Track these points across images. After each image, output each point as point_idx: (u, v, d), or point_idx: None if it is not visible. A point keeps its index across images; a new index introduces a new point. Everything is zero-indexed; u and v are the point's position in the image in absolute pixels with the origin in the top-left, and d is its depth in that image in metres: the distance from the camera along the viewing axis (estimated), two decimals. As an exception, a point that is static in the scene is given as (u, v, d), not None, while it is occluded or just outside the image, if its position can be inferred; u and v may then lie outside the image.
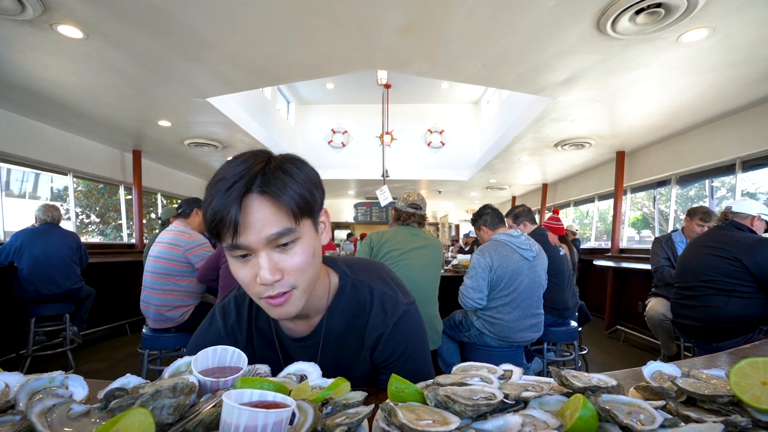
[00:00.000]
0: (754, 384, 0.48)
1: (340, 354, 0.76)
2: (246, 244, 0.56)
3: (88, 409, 0.47)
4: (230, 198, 0.55)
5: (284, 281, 0.60)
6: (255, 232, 0.56)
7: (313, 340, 0.75)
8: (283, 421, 0.41)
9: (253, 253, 0.58)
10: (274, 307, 0.61)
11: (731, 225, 2.05)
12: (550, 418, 0.46)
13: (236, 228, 0.55)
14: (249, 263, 0.59)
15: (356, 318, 0.75)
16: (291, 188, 0.58)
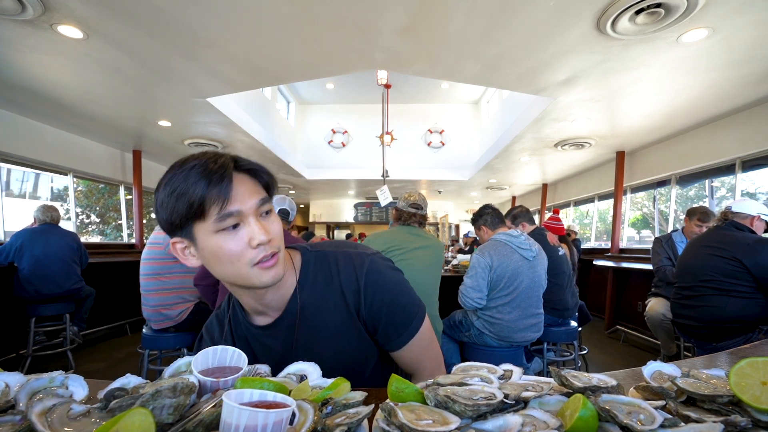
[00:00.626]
0: (753, 384, 0.48)
1: (325, 329, 0.74)
2: (238, 209, 0.61)
3: (88, 409, 0.47)
4: (220, 173, 0.60)
5: (271, 244, 0.64)
6: (244, 200, 0.62)
7: (287, 320, 0.74)
8: (283, 421, 0.41)
9: (243, 221, 0.62)
10: (266, 270, 0.64)
11: (731, 225, 2.05)
12: (550, 418, 0.46)
13: (226, 197, 0.60)
14: (238, 233, 0.62)
15: (328, 287, 0.75)
16: (261, 170, 0.67)
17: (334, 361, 0.74)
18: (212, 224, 0.61)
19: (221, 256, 0.62)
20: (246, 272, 0.64)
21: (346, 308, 0.75)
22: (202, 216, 0.60)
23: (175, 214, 0.61)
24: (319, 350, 0.74)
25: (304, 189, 9.51)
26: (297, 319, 0.74)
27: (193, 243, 0.64)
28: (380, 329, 0.76)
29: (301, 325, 0.74)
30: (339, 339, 0.75)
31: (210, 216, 0.60)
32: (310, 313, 0.74)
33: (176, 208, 0.60)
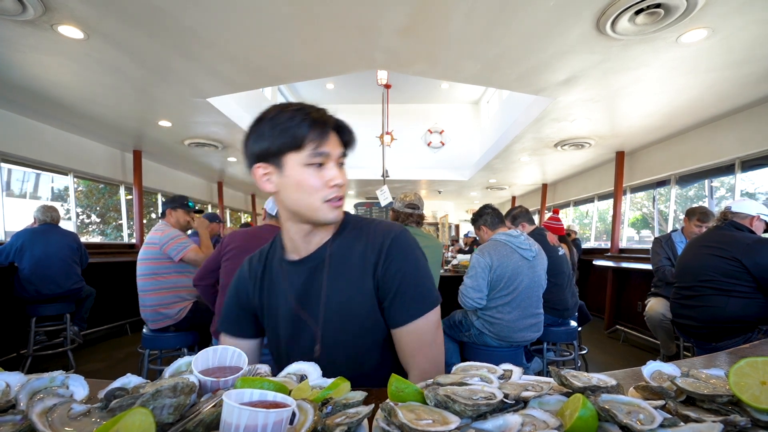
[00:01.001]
0: (753, 384, 0.48)
1: (345, 278, 0.80)
2: (328, 152, 0.74)
3: (89, 408, 0.47)
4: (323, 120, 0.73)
5: (342, 189, 0.77)
6: (334, 146, 0.76)
7: (316, 260, 0.81)
8: (283, 421, 0.41)
9: (327, 163, 0.75)
10: (334, 208, 0.76)
11: (731, 225, 2.05)
12: (549, 417, 0.46)
13: (323, 140, 0.73)
14: (322, 172, 0.74)
15: (356, 242, 0.82)
16: (347, 129, 0.80)
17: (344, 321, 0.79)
18: (305, 157, 0.72)
19: (303, 185, 0.73)
20: (317, 205, 0.74)
21: (364, 265, 0.79)
22: (298, 149, 0.72)
23: (275, 143, 0.72)
24: (334, 297, 0.79)
25: (304, 189, 9.50)
26: (326, 261, 0.81)
27: (279, 170, 0.74)
28: (389, 298, 0.78)
29: (329, 269, 0.80)
30: (353, 293, 0.79)
31: (304, 150, 0.72)
32: (335, 261, 0.81)
33: (277, 139, 0.72)
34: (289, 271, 0.83)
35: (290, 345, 0.83)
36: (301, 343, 0.81)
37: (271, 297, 0.85)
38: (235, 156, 5.79)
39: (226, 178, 7.57)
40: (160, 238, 2.37)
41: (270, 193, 0.78)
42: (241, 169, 6.73)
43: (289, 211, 0.78)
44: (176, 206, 2.55)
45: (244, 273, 0.90)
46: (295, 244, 0.82)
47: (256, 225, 2.89)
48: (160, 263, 2.35)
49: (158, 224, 2.50)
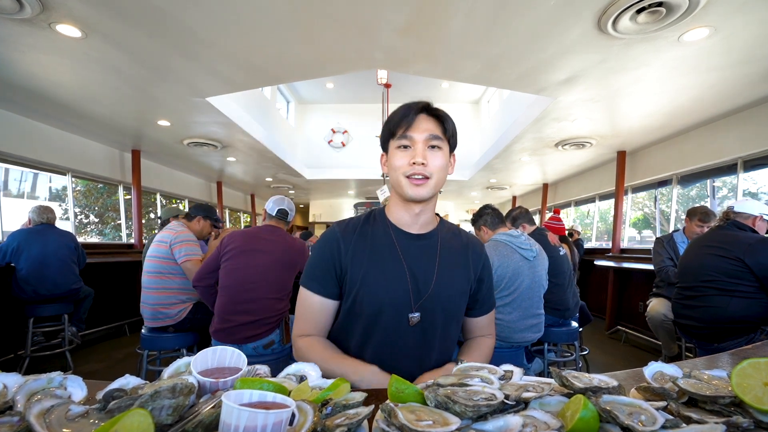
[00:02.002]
0: (755, 385, 0.48)
1: (450, 261, 0.94)
2: (411, 135, 0.86)
3: (87, 410, 0.46)
4: (410, 109, 0.87)
5: (427, 168, 0.86)
6: (419, 132, 0.87)
7: (430, 240, 0.95)
8: (282, 422, 0.41)
9: (413, 146, 0.87)
10: (414, 186, 0.87)
11: (733, 225, 2.05)
12: (550, 418, 0.46)
13: (408, 125, 0.86)
14: (407, 153, 0.87)
15: (456, 238, 1.00)
16: (448, 119, 0.92)
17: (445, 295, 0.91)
18: (395, 141, 0.88)
19: (393, 164, 0.88)
20: (401, 181, 0.87)
21: (466, 260, 0.97)
22: (393, 135, 0.88)
23: (384, 135, 0.92)
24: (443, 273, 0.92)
25: (304, 189, 9.52)
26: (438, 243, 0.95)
27: (387, 155, 0.92)
28: (481, 289, 1.01)
29: (440, 249, 0.94)
30: (456, 275, 0.94)
31: (396, 136, 0.87)
32: (445, 245, 0.96)
33: (385, 130, 0.90)
34: (405, 241, 0.93)
35: (385, 309, 0.88)
36: (398, 308, 0.88)
37: (372, 262, 0.90)
38: (235, 156, 5.79)
39: (225, 177, 7.57)
40: (171, 238, 2.37)
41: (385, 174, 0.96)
42: (241, 168, 6.74)
43: (394, 189, 0.93)
44: (207, 216, 2.62)
45: (336, 235, 0.94)
46: (407, 221, 0.94)
47: (256, 225, 2.89)
48: (166, 262, 2.35)
49: (173, 223, 2.49)
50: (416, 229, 0.94)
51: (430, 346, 0.92)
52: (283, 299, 2.04)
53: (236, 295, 1.94)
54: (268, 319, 1.95)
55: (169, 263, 2.35)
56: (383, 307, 0.88)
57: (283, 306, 2.03)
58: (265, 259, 2.00)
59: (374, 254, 0.91)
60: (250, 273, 1.96)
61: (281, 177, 7.72)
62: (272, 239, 2.07)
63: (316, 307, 0.91)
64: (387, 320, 0.88)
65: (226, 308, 1.94)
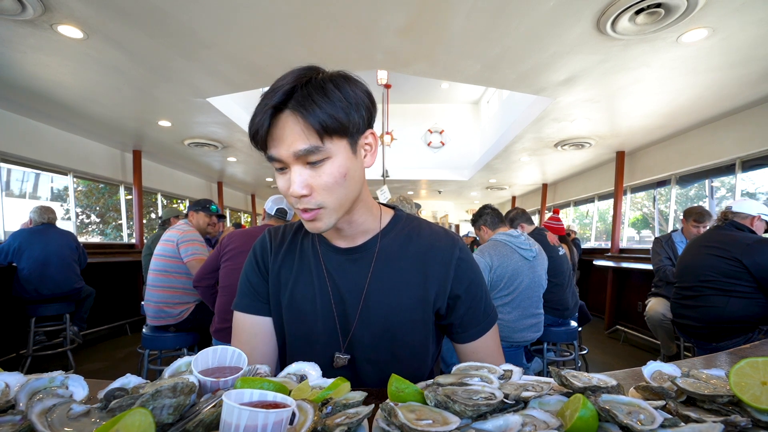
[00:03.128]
0: (753, 384, 0.48)
1: (390, 279, 0.71)
2: (277, 156, 0.59)
3: (88, 409, 0.47)
4: (264, 113, 0.57)
5: (312, 199, 0.61)
6: (285, 146, 0.58)
7: (364, 254, 0.73)
8: (283, 421, 0.41)
9: (287, 167, 0.60)
10: (309, 222, 0.64)
11: (731, 225, 2.05)
12: (550, 418, 0.46)
13: (266, 141, 0.59)
14: (285, 175, 0.61)
15: (411, 242, 0.74)
16: (322, 107, 0.57)
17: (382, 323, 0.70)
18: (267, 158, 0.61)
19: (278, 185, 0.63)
20: (295, 209, 0.64)
21: (423, 269, 0.72)
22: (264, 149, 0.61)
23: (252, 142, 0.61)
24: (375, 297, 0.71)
25: (304, 189, 9.50)
26: (373, 257, 0.72)
27: None
28: (460, 314, 0.73)
29: (375, 265, 0.72)
30: (400, 296, 0.71)
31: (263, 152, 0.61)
32: (383, 258, 0.72)
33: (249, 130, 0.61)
34: (331, 260, 0.74)
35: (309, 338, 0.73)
36: (321, 339, 0.72)
37: (296, 282, 0.74)
38: (235, 156, 5.79)
39: (225, 177, 7.57)
40: (179, 237, 2.39)
41: None
42: (241, 168, 6.74)
43: None
44: (198, 209, 2.62)
45: (263, 244, 0.79)
46: (331, 233, 0.74)
47: (256, 225, 2.88)
48: (172, 261, 2.36)
49: (179, 223, 2.52)
50: (345, 242, 0.74)
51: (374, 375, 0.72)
52: None
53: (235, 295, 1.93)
54: None
55: (175, 261, 2.36)
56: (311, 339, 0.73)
57: None
58: None
59: (300, 272, 0.75)
60: None
61: (281, 177, 7.71)
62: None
63: (247, 330, 0.75)
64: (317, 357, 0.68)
65: (226, 308, 1.94)
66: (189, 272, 2.36)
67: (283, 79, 0.59)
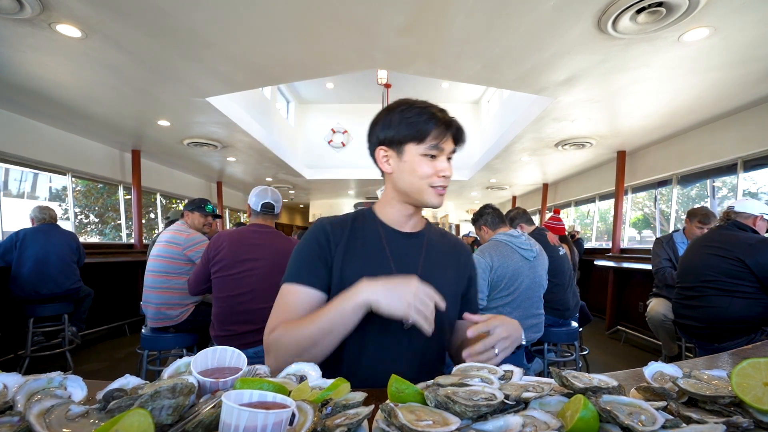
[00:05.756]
0: (755, 385, 0.48)
1: (436, 261, 0.94)
2: (443, 148, 0.87)
3: (87, 409, 0.46)
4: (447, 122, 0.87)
5: (447, 180, 0.88)
6: (448, 144, 0.88)
7: (418, 239, 0.95)
8: (282, 422, 0.41)
9: (439, 157, 0.87)
10: (439, 196, 0.88)
11: (733, 225, 2.04)
12: (550, 418, 0.46)
13: (443, 138, 0.85)
14: (433, 162, 0.86)
15: (443, 237, 1.02)
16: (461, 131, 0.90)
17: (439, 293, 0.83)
18: (423, 149, 0.85)
19: (416, 170, 0.86)
20: (425, 189, 0.87)
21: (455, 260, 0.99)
22: (421, 141, 0.85)
23: (400, 133, 0.86)
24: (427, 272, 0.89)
25: (304, 189, 9.51)
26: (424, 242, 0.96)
27: (398, 155, 0.88)
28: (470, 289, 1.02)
29: (426, 248, 0.95)
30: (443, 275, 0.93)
31: (425, 143, 0.85)
32: (432, 245, 0.96)
33: (403, 129, 0.85)
34: (393, 240, 0.92)
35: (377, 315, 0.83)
36: None
37: (362, 259, 0.88)
38: (235, 156, 5.79)
39: (225, 177, 7.57)
40: (185, 240, 2.37)
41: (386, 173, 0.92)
42: (241, 168, 6.74)
43: (398, 190, 0.91)
44: (193, 209, 2.60)
45: (325, 227, 0.91)
46: (399, 220, 0.94)
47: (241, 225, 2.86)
48: (176, 263, 2.35)
49: (177, 225, 2.49)
50: (408, 228, 0.95)
51: (425, 349, 0.88)
52: None
53: (232, 307, 1.90)
54: None
55: (179, 263, 2.35)
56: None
57: None
58: (259, 267, 1.90)
59: (364, 251, 0.89)
60: (244, 284, 1.89)
61: (281, 177, 7.72)
62: (263, 244, 1.95)
63: (300, 300, 0.83)
64: (379, 324, 0.81)
65: (224, 319, 1.91)
66: (190, 273, 2.36)
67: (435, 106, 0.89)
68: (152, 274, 2.34)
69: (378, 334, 0.84)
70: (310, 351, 0.74)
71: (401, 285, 0.71)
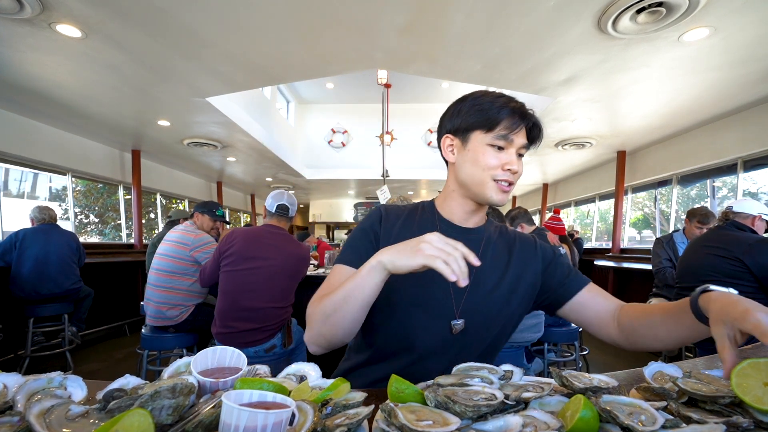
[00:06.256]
0: (755, 385, 0.48)
1: (492, 261, 0.87)
2: (513, 139, 0.79)
3: (87, 409, 0.46)
4: (521, 111, 0.80)
5: (515, 176, 0.80)
6: (519, 137, 0.80)
7: (477, 235, 0.89)
8: (282, 422, 0.41)
9: (507, 149, 0.80)
10: (502, 192, 0.80)
11: (732, 225, 2.05)
12: (550, 418, 0.46)
13: (514, 128, 0.78)
14: (500, 154, 0.79)
15: (504, 236, 0.93)
16: (537, 126, 0.83)
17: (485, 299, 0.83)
18: (490, 138, 0.79)
19: (479, 160, 0.80)
20: (486, 182, 0.80)
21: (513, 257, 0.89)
22: (489, 129, 0.79)
23: (468, 120, 0.81)
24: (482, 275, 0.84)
25: (304, 189, 9.51)
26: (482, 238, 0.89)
27: (463, 144, 0.83)
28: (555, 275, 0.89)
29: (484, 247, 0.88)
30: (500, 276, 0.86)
31: (493, 132, 0.79)
32: (489, 243, 0.89)
33: (471, 117, 0.80)
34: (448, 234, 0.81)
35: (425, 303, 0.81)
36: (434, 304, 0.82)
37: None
38: (235, 156, 5.79)
39: (225, 177, 7.57)
40: (193, 241, 2.37)
41: (449, 162, 0.87)
42: (241, 168, 6.74)
43: (459, 182, 0.85)
44: (204, 211, 2.63)
45: (380, 213, 0.89)
46: (460, 216, 0.88)
47: (257, 225, 2.89)
48: (182, 263, 2.35)
49: (186, 225, 2.50)
50: (467, 225, 0.89)
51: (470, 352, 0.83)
52: (285, 307, 2.01)
53: (236, 302, 1.91)
54: (269, 326, 1.93)
55: (185, 264, 2.35)
56: (420, 302, 0.81)
57: (285, 312, 2.01)
58: (266, 267, 1.94)
59: None
60: (250, 280, 1.92)
61: (281, 177, 7.72)
62: (275, 244, 2.00)
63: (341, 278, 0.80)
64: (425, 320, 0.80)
65: (226, 314, 1.92)
66: (195, 275, 2.36)
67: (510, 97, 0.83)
68: (156, 273, 2.35)
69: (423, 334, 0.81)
70: (332, 317, 0.71)
71: (416, 239, 0.65)
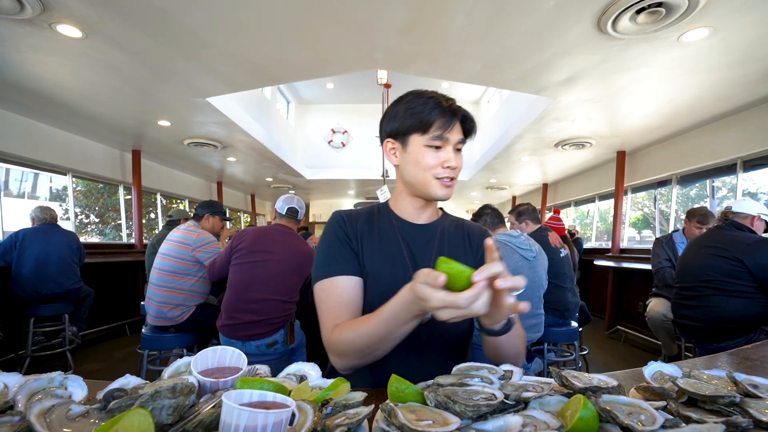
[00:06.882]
0: None
1: (452, 246, 0.93)
2: (448, 138, 0.83)
3: (87, 409, 0.46)
4: (452, 110, 0.83)
5: (454, 171, 0.85)
6: (455, 134, 0.84)
7: (431, 229, 0.94)
8: (282, 422, 0.41)
9: (444, 147, 0.83)
10: (445, 188, 0.85)
11: (731, 225, 2.05)
12: (550, 418, 0.46)
13: (447, 127, 0.82)
14: (438, 153, 0.83)
15: (458, 228, 0.98)
16: (469, 118, 0.86)
17: None
18: (427, 139, 0.82)
19: (420, 162, 0.84)
20: (429, 180, 0.84)
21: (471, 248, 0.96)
22: (425, 132, 0.82)
23: (404, 124, 0.84)
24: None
25: (304, 189, 9.51)
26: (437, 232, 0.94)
27: (403, 147, 0.86)
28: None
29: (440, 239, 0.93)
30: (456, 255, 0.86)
31: (429, 133, 0.82)
32: (446, 235, 0.94)
33: (407, 120, 0.83)
34: (407, 232, 0.92)
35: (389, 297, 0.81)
36: None
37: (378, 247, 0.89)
38: (235, 156, 5.79)
39: (225, 178, 7.57)
40: (195, 240, 2.38)
41: (394, 165, 0.91)
42: (241, 168, 6.74)
43: (405, 183, 0.90)
44: (215, 213, 2.67)
45: (342, 219, 0.92)
46: (412, 213, 0.94)
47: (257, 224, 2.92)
48: (184, 263, 2.35)
49: (188, 225, 2.50)
50: (421, 221, 0.94)
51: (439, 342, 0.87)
52: (290, 302, 2.04)
53: (242, 294, 1.96)
54: (273, 320, 1.95)
55: (187, 264, 2.35)
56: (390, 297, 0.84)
57: (289, 308, 2.03)
58: (274, 260, 2.01)
59: (380, 242, 0.90)
60: (257, 273, 1.98)
61: (281, 177, 7.72)
62: (283, 241, 2.09)
63: (340, 292, 0.83)
64: None
65: (231, 306, 1.96)
66: (197, 275, 2.37)
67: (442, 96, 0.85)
68: (159, 272, 2.35)
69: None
70: (372, 355, 0.74)
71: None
